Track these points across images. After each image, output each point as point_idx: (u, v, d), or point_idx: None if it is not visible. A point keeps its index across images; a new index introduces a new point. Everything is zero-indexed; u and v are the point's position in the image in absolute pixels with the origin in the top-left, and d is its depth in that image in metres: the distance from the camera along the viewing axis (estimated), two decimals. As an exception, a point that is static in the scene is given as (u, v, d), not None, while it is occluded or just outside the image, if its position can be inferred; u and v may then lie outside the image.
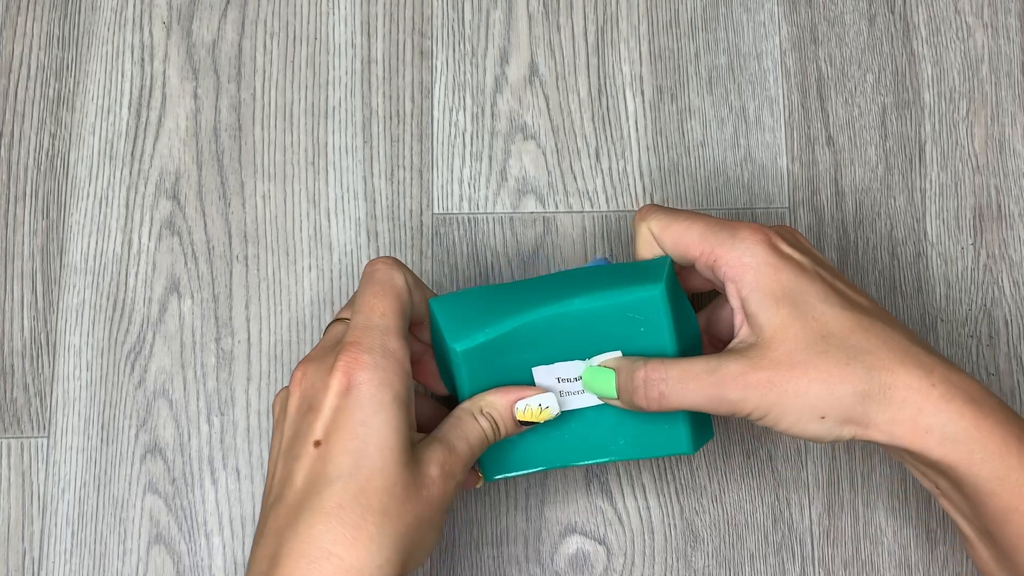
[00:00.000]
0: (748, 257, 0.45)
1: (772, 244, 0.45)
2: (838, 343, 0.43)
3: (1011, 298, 0.56)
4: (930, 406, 0.43)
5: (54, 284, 0.56)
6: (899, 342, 0.44)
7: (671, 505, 0.54)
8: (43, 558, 0.53)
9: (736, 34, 0.59)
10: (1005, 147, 0.58)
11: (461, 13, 0.59)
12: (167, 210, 0.57)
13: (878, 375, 0.43)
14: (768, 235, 0.45)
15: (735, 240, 0.45)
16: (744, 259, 0.45)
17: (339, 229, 0.57)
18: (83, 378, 0.55)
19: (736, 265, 0.45)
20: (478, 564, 0.53)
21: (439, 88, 0.58)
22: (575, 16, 0.59)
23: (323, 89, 0.58)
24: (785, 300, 0.44)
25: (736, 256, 0.45)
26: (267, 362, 0.55)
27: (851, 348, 0.43)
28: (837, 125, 0.58)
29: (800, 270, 0.45)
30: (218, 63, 0.58)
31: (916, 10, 0.59)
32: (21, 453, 0.54)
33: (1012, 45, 0.59)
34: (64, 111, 0.58)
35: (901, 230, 0.57)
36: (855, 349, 0.43)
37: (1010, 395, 0.55)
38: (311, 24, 0.59)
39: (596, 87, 0.58)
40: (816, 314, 0.44)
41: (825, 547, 0.54)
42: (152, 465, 0.54)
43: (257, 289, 0.56)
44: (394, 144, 0.57)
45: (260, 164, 0.57)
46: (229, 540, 0.54)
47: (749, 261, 0.45)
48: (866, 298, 0.46)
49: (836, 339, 0.43)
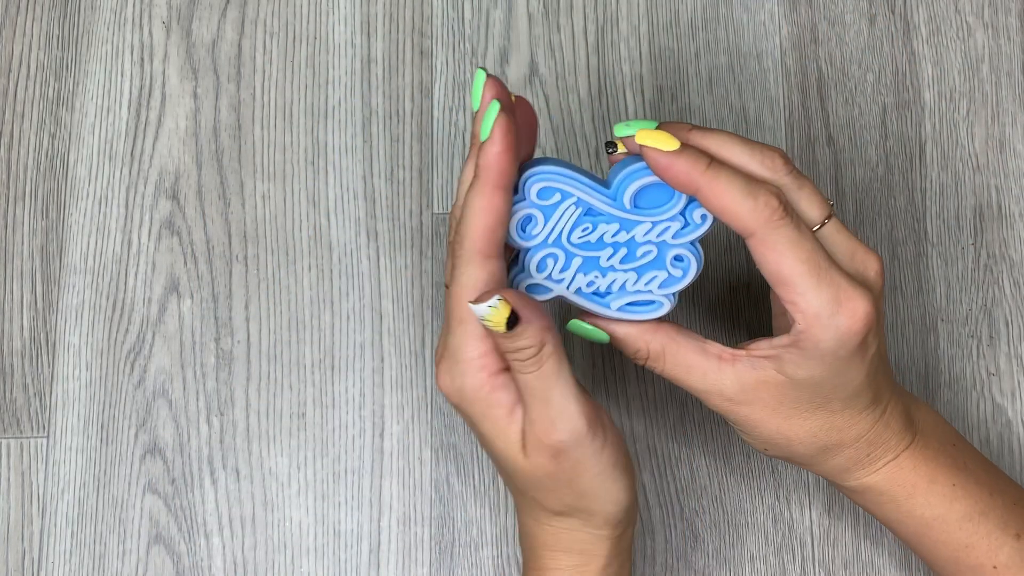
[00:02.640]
0: (831, 340, 0.41)
1: (864, 343, 0.42)
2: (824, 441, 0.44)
3: (1011, 298, 0.56)
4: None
5: (54, 284, 0.56)
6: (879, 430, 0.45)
7: (671, 505, 0.54)
8: (43, 558, 0.53)
9: (736, 34, 0.59)
10: (1005, 147, 0.57)
11: (461, 13, 0.59)
12: (167, 210, 0.57)
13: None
14: (867, 329, 0.41)
15: (836, 304, 0.41)
16: (826, 339, 0.41)
17: (339, 229, 0.56)
18: (83, 378, 0.55)
19: (814, 330, 0.41)
20: (478, 564, 0.53)
21: (439, 88, 0.58)
22: (575, 16, 0.59)
23: (323, 89, 0.58)
24: (818, 390, 0.43)
25: (820, 327, 0.41)
26: (267, 362, 0.55)
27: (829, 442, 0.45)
28: (837, 125, 0.58)
29: (859, 371, 0.43)
30: (218, 63, 0.58)
31: (916, 10, 0.59)
32: (21, 453, 0.54)
33: (1012, 45, 0.59)
34: (64, 111, 0.58)
35: (901, 230, 0.57)
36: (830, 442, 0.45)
37: (1010, 395, 0.55)
38: (311, 24, 0.59)
39: (596, 87, 0.58)
40: (832, 419, 0.44)
41: (825, 547, 0.54)
42: (152, 465, 0.54)
43: (257, 289, 0.56)
44: (394, 144, 0.57)
45: (260, 164, 0.57)
46: (228, 540, 0.54)
47: (828, 344, 0.41)
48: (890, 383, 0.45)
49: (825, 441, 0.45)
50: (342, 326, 0.56)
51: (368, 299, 0.56)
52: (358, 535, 0.54)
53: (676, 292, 0.44)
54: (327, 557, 0.54)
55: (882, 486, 0.45)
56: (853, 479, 0.46)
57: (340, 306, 0.56)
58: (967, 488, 0.45)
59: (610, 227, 0.43)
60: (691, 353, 0.43)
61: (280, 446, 0.54)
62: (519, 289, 0.43)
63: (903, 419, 0.45)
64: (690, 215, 0.43)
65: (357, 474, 0.54)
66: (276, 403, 0.55)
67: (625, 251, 0.43)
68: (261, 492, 0.54)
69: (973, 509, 0.45)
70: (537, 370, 0.41)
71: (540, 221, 0.43)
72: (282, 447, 0.54)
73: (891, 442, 0.45)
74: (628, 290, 0.43)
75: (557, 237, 0.43)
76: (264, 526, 0.54)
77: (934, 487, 0.45)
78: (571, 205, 0.43)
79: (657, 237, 0.43)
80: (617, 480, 0.43)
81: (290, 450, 0.54)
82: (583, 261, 0.43)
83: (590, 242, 0.43)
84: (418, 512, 0.54)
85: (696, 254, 0.43)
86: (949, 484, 0.45)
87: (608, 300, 0.44)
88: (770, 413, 0.43)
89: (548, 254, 0.43)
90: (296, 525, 0.54)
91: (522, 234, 0.43)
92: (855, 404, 0.44)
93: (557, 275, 0.43)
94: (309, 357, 0.55)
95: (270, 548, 0.54)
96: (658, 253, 0.43)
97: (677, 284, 0.43)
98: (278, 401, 0.55)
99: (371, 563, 0.54)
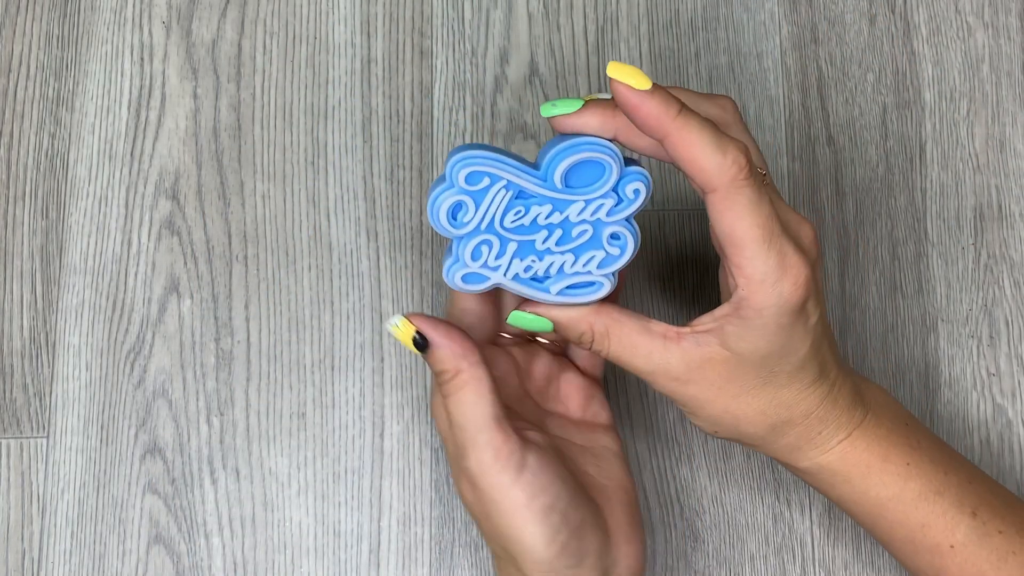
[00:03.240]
0: (772, 307, 0.41)
1: (804, 310, 0.41)
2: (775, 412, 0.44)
3: (1012, 298, 0.56)
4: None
5: (53, 284, 0.56)
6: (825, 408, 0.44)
7: (671, 505, 0.54)
8: (43, 558, 0.53)
9: (736, 34, 0.59)
10: (1006, 147, 0.57)
11: (461, 13, 0.59)
12: (166, 210, 0.57)
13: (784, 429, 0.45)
14: (807, 295, 0.41)
15: (782, 271, 0.40)
16: (768, 306, 0.41)
17: (339, 229, 0.56)
18: (82, 378, 0.55)
19: (757, 296, 0.41)
20: (478, 564, 0.53)
21: (439, 88, 0.58)
22: (575, 16, 0.59)
23: (323, 89, 0.58)
24: (768, 353, 0.42)
25: (763, 293, 0.41)
26: (267, 362, 0.55)
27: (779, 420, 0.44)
28: (837, 125, 0.58)
29: (803, 340, 0.42)
30: (218, 63, 0.58)
31: (916, 10, 0.59)
32: (21, 453, 0.54)
33: (1013, 45, 0.59)
34: (64, 111, 0.58)
35: (901, 230, 0.57)
36: (781, 420, 0.44)
37: (1010, 395, 0.55)
38: (311, 24, 0.59)
39: (596, 87, 0.58)
40: (776, 386, 0.43)
41: (825, 547, 0.54)
42: (151, 465, 0.54)
43: (257, 289, 0.56)
44: (394, 144, 0.57)
45: (260, 164, 0.57)
46: (228, 540, 0.54)
47: (770, 311, 0.41)
48: (833, 354, 0.45)
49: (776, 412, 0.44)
50: (342, 326, 0.56)
51: (368, 299, 0.56)
52: (358, 535, 0.54)
53: (615, 271, 0.43)
54: (327, 557, 0.54)
55: (836, 466, 0.45)
56: (807, 459, 0.45)
57: (340, 306, 0.56)
58: (921, 467, 0.45)
59: (543, 208, 0.42)
60: (635, 333, 0.43)
61: (280, 446, 0.55)
62: (455, 280, 0.43)
63: (852, 396, 0.45)
64: (623, 191, 0.42)
65: (357, 474, 0.54)
66: (276, 403, 0.55)
67: (560, 232, 0.42)
68: (261, 492, 0.54)
69: (928, 488, 0.45)
70: (454, 395, 0.42)
71: (471, 208, 0.41)
72: (282, 447, 0.55)
73: (841, 419, 0.45)
74: (566, 272, 0.43)
75: (490, 223, 0.42)
76: (264, 526, 0.54)
77: (888, 466, 0.45)
78: (501, 189, 0.41)
79: (592, 216, 0.42)
80: (531, 523, 0.41)
81: (290, 450, 0.54)
82: (518, 246, 0.42)
83: (524, 225, 0.42)
84: (418, 512, 0.54)
85: (632, 231, 0.42)
86: (903, 463, 0.45)
87: (547, 284, 0.43)
88: (717, 391, 0.43)
89: (482, 241, 0.42)
90: (296, 525, 0.54)
91: (453, 222, 0.42)
92: (801, 377, 0.43)
93: (493, 262, 0.42)
94: (309, 357, 0.55)
95: (270, 548, 0.54)
96: (594, 232, 0.42)
97: (616, 263, 0.42)
98: (278, 401, 0.55)
99: (371, 563, 0.54)
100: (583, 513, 0.43)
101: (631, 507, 0.45)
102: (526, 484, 0.41)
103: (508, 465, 0.41)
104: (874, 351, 0.55)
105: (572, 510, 0.42)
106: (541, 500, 0.41)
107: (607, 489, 0.45)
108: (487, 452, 0.41)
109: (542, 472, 0.42)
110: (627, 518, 0.45)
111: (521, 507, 0.41)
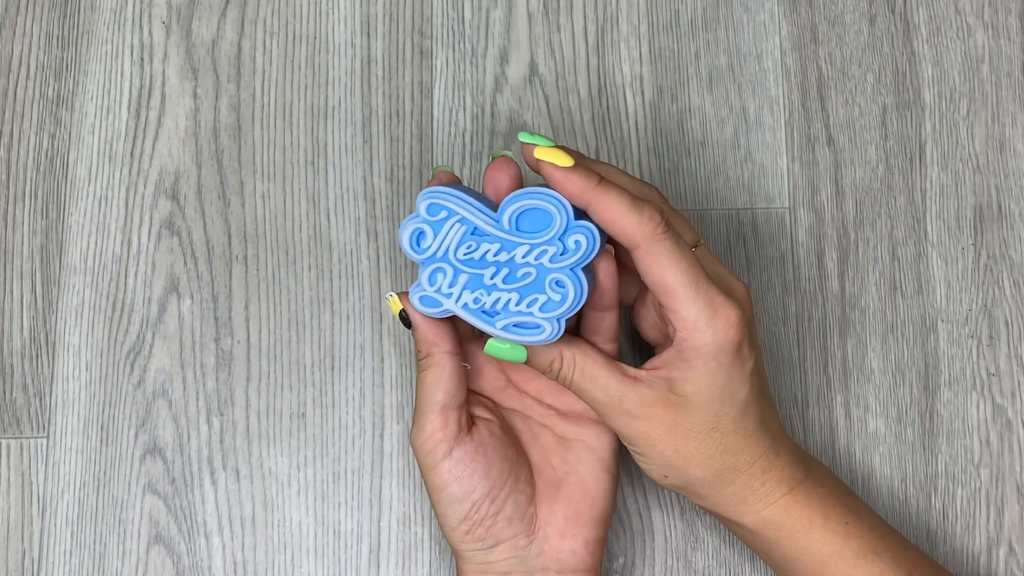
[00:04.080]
0: (710, 345, 0.44)
1: (740, 351, 0.45)
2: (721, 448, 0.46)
3: (1011, 298, 0.56)
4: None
5: (53, 284, 0.56)
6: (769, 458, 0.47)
7: (671, 505, 0.54)
8: (43, 558, 0.53)
9: (736, 34, 0.59)
10: (1005, 147, 0.57)
11: (461, 13, 0.59)
12: (166, 210, 0.57)
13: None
14: (741, 336, 0.45)
15: (712, 311, 0.44)
16: (705, 344, 0.44)
17: (339, 229, 0.57)
18: (82, 378, 0.55)
19: (694, 337, 0.45)
20: (478, 564, 0.53)
21: (439, 88, 0.58)
22: (575, 16, 0.59)
23: (323, 89, 0.58)
24: (713, 396, 0.45)
25: (699, 332, 0.44)
26: (267, 362, 0.55)
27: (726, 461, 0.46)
28: (837, 125, 0.58)
29: (742, 384, 0.46)
30: (217, 63, 0.58)
31: (916, 10, 0.59)
32: (21, 453, 0.54)
33: (1012, 45, 0.59)
34: (64, 111, 0.58)
35: (901, 230, 0.57)
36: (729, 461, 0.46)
37: (1010, 395, 0.55)
38: (311, 24, 0.59)
39: (596, 87, 0.58)
40: (726, 425, 0.46)
41: (825, 547, 0.54)
42: (151, 465, 0.54)
43: (257, 289, 0.56)
44: (394, 144, 0.57)
45: (259, 164, 0.57)
46: (228, 540, 0.54)
47: (708, 349, 0.44)
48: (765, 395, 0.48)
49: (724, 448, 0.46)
50: (342, 326, 0.56)
51: (368, 299, 0.56)
52: (358, 535, 0.54)
53: (559, 317, 0.45)
54: (327, 557, 0.54)
55: (780, 519, 0.47)
56: (752, 512, 0.47)
57: (340, 306, 0.56)
58: (860, 528, 0.47)
59: (492, 246, 0.45)
60: (599, 366, 0.46)
61: (280, 446, 0.55)
62: (414, 300, 0.46)
63: (794, 454, 0.48)
64: (566, 241, 0.45)
65: (357, 474, 0.54)
66: (276, 403, 0.55)
67: (507, 271, 0.45)
68: (261, 492, 0.54)
69: (867, 548, 0.47)
70: (420, 372, 0.48)
71: (430, 236, 0.46)
72: (282, 447, 0.55)
73: (784, 472, 0.47)
74: (511, 310, 0.45)
75: (445, 252, 0.46)
76: (264, 526, 0.54)
77: (828, 523, 0.47)
78: (456, 222, 0.45)
79: (535, 260, 0.45)
80: (440, 504, 0.47)
81: (290, 450, 0.54)
82: (469, 278, 0.46)
83: (474, 259, 0.46)
84: (418, 512, 0.54)
85: (576, 280, 0.45)
86: (842, 522, 0.47)
87: (495, 320, 0.46)
88: (667, 431, 0.45)
89: (437, 267, 0.46)
90: (296, 525, 0.54)
91: (416, 248, 0.46)
92: (744, 424, 0.46)
93: (446, 289, 0.46)
94: (309, 357, 0.55)
95: (270, 548, 0.54)
96: (537, 275, 0.45)
97: (557, 308, 0.45)
98: (278, 401, 0.55)
99: (371, 563, 0.54)
100: (502, 506, 0.47)
101: (582, 504, 0.48)
102: (444, 471, 0.47)
103: (436, 450, 0.47)
104: (874, 351, 0.56)
105: (487, 502, 0.47)
106: (453, 489, 0.47)
107: (561, 484, 0.49)
108: (423, 433, 0.47)
109: (464, 464, 0.47)
110: (570, 514, 0.48)
111: (435, 488, 0.47)
